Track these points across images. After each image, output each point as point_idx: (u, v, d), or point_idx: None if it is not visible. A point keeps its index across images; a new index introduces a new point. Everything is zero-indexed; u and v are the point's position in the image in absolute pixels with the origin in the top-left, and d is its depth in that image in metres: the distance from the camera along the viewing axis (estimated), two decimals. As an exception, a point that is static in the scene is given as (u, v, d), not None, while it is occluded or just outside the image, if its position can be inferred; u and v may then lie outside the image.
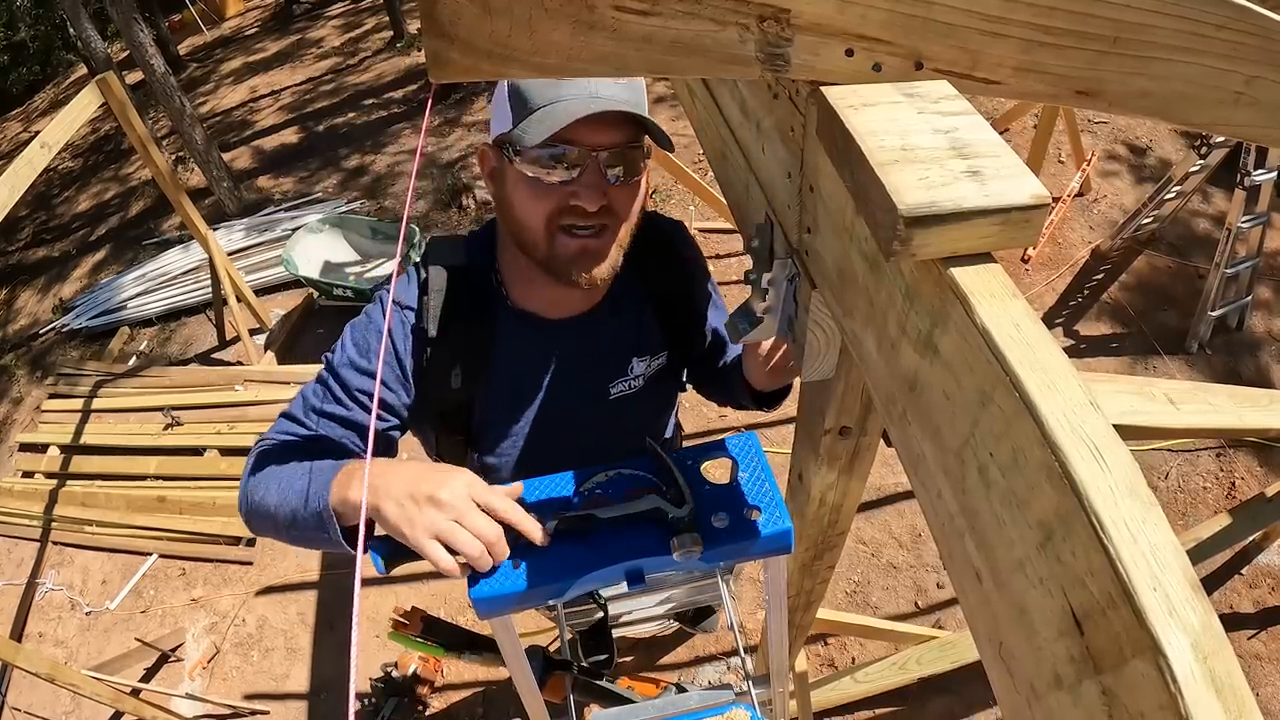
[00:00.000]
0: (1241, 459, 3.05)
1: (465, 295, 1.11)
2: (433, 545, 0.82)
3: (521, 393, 1.19)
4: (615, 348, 1.21)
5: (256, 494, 1.01)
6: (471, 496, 0.84)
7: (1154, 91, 0.59)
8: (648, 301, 1.22)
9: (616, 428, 1.25)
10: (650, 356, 1.24)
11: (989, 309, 0.44)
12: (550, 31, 0.50)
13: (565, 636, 1.30)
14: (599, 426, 1.23)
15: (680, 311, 1.25)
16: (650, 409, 1.33)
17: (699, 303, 1.28)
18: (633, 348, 1.22)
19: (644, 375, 1.25)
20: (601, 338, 1.19)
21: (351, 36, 9.52)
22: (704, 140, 1.11)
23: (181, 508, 3.63)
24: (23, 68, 12.89)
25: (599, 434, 1.22)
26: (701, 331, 1.29)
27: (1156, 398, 0.82)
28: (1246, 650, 2.55)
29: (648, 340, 1.23)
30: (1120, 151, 4.56)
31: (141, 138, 3.49)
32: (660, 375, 1.27)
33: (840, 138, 0.52)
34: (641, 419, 1.31)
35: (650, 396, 1.28)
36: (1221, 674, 0.32)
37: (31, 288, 6.37)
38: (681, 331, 1.26)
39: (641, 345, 1.22)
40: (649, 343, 1.23)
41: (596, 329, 1.18)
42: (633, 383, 1.24)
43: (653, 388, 1.27)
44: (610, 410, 1.24)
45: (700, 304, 1.29)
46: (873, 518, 3.06)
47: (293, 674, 3.02)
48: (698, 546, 0.82)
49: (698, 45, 0.52)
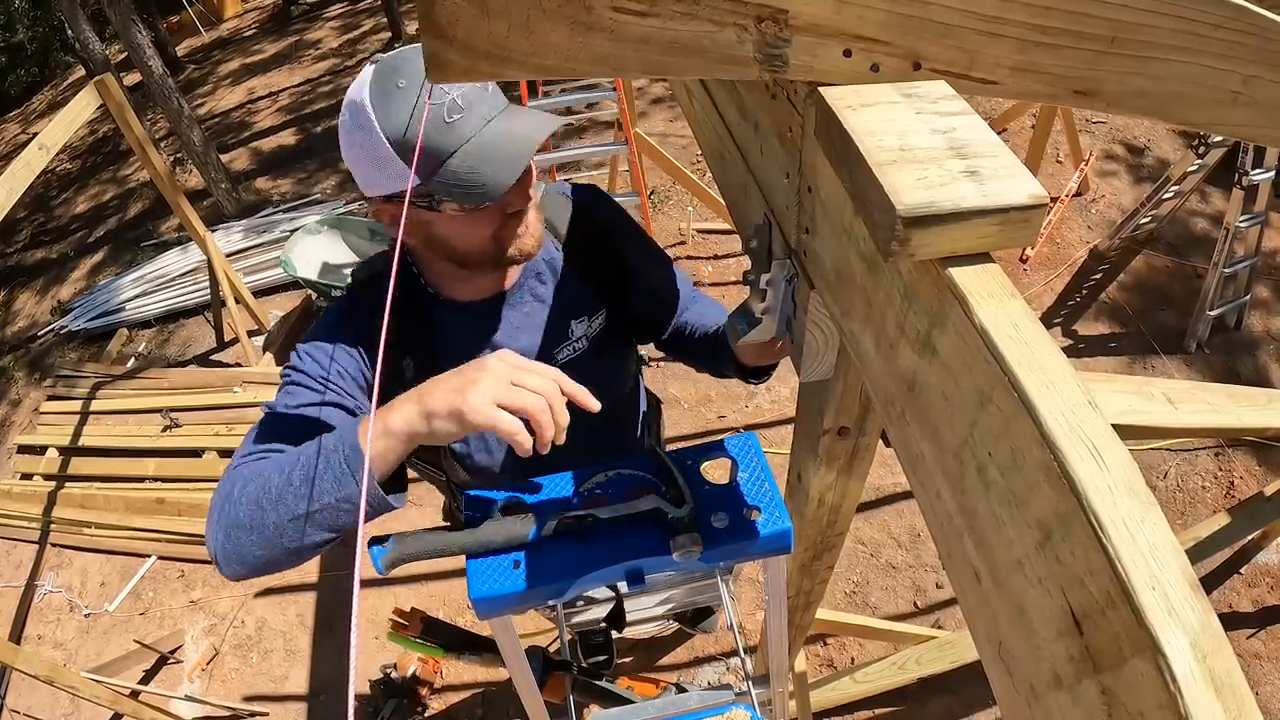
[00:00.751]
0: (1240, 458, 3.05)
1: (399, 294, 1.13)
2: (496, 411, 0.80)
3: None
4: (550, 314, 1.23)
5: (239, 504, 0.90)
6: (515, 365, 0.84)
7: (1151, 91, 0.60)
8: (573, 266, 1.25)
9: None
10: (588, 318, 1.26)
11: (987, 309, 0.44)
12: (548, 32, 0.50)
13: (565, 637, 1.30)
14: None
15: (606, 269, 1.27)
16: (601, 371, 1.32)
17: (626, 259, 1.29)
18: (567, 311, 1.24)
19: (586, 336, 1.26)
20: (534, 307, 1.22)
21: (349, 38, 9.52)
22: (702, 141, 1.11)
23: (180, 509, 3.63)
24: (21, 69, 12.88)
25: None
26: (636, 289, 1.30)
27: (1155, 397, 0.82)
28: (1246, 649, 2.56)
29: (580, 302, 1.25)
30: (1118, 151, 4.56)
31: (140, 139, 3.49)
32: (603, 336, 1.29)
33: (838, 138, 0.52)
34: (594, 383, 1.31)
35: (598, 357, 1.29)
36: (1221, 673, 0.32)
37: (30, 289, 6.37)
38: (611, 289, 1.28)
39: (576, 308, 1.25)
40: (582, 305, 1.25)
41: (527, 299, 1.21)
42: (576, 345, 1.26)
43: (599, 348, 1.28)
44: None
45: (629, 260, 1.29)
46: (872, 518, 3.06)
47: (292, 675, 3.02)
48: (697, 547, 0.82)
49: (696, 46, 0.52)
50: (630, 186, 4.02)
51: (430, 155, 0.94)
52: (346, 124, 0.98)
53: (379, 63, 0.97)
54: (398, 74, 0.94)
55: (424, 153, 0.94)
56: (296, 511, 0.87)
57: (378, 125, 0.93)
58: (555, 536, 0.86)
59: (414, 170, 0.94)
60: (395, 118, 0.93)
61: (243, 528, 0.90)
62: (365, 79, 0.96)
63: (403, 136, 0.94)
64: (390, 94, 0.93)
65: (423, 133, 0.92)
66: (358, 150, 0.98)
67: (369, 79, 0.96)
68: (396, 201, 1.01)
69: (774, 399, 3.57)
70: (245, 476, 0.92)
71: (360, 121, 0.95)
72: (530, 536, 0.85)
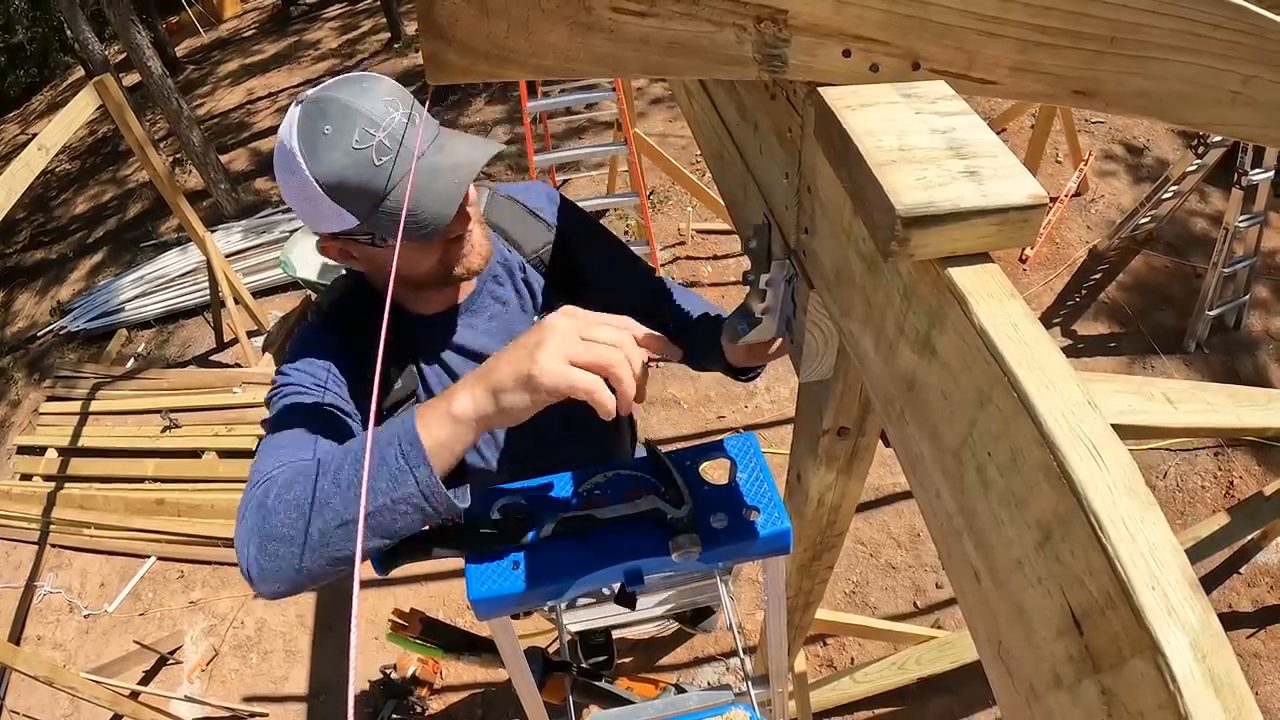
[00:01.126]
0: (1239, 458, 3.05)
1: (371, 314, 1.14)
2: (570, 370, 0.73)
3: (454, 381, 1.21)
4: (516, 313, 1.25)
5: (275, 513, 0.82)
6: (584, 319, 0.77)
7: (1151, 91, 0.60)
8: (528, 263, 1.26)
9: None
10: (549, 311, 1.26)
11: (987, 309, 0.44)
12: (548, 33, 0.50)
13: (565, 638, 1.30)
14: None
15: (558, 262, 1.28)
16: None
17: (581, 258, 1.30)
18: (531, 309, 1.26)
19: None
20: (498, 309, 1.23)
21: (349, 38, 9.52)
22: (701, 141, 1.11)
23: (180, 510, 3.63)
24: (20, 70, 12.88)
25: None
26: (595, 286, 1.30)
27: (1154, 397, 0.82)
28: (1245, 649, 2.56)
29: (541, 299, 1.27)
30: (1117, 151, 4.56)
31: (139, 140, 3.49)
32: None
33: (838, 138, 0.52)
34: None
35: None
36: (1220, 673, 0.32)
37: (29, 290, 6.37)
38: (566, 281, 1.29)
39: (538, 305, 1.27)
40: (546, 300, 1.27)
41: (489, 303, 1.22)
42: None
43: None
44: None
45: (582, 260, 1.30)
46: (871, 518, 3.06)
47: (291, 676, 3.02)
48: (696, 547, 0.82)
49: (695, 46, 0.52)
50: (630, 187, 4.02)
51: (365, 197, 0.95)
52: (280, 168, 0.99)
53: (304, 103, 0.97)
54: (323, 119, 0.93)
55: (358, 195, 0.95)
56: (345, 516, 0.78)
57: (307, 170, 0.94)
58: (554, 537, 0.86)
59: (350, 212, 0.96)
60: (324, 163, 0.93)
61: (281, 539, 0.80)
62: (292, 121, 0.96)
63: (333, 180, 0.94)
64: (316, 139, 0.93)
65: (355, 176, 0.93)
66: (292, 191, 0.98)
67: (295, 122, 0.95)
68: (341, 238, 1.02)
69: (773, 399, 3.57)
70: (281, 482, 0.84)
71: (290, 165, 0.95)
72: (529, 537, 0.85)
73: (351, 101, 0.94)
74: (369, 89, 0.97)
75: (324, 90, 0.97)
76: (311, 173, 0.93)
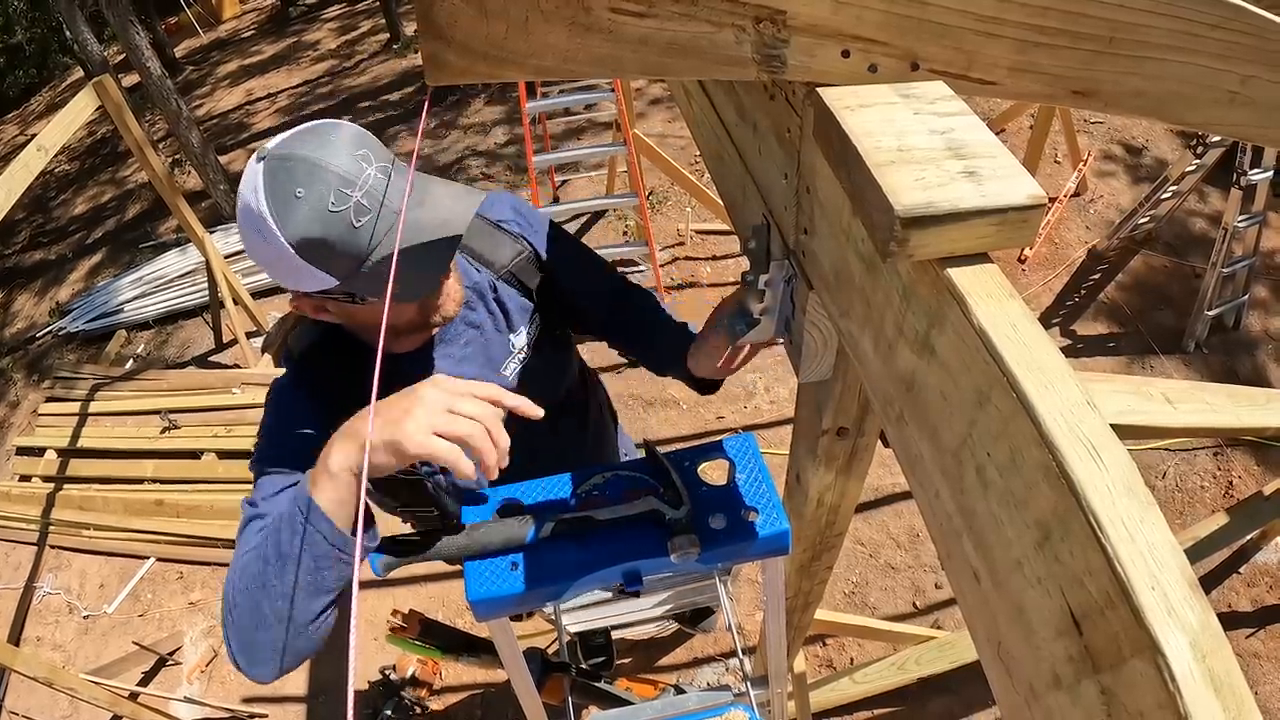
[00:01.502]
0: (1239, 458, 3.05)
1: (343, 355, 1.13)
2: (433, 441, 0.79)
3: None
4: (490, 336, 1.24)
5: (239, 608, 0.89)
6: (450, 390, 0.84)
7: (1149, 91, 0.60)
8: (497, 280, 1.24)
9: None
10: (524, 327, 1.27)
11: (986, 309, 0.44)
12: (547, 33, 0.50)
13: (564, 638, 1.30)
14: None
15: (528, 272, 1.27)
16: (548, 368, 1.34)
17: (541, 256, 1.29)
18: (505, 328, 1.25)
19: (527, 345, 1.27)
20: (472, 334, 1.22)
21: (348, 39, 9.51)
22: (700, 142, 1.11)
23: (179, 511, 3.62)
24: (19, 70, 12.87)
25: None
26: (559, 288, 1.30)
27: (1154, 397, 0.82)
28: (1245, 649, 2.56)
29: (515, 314, 1.25)
30: (1116, 151, 4.57)
31: (138, 140, 3.49)
32: (542, 336, 1.29)
33: (837, 138, 0.52)
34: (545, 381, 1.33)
35: (542, 357, 1.30)
36: (1220, 673, 0.32)
37: (28, 291, 6.36)
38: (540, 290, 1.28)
39: (512, 321, 1.25)
40: (517, 315, 1.26)
41: (463, 331, 1.21)
42: (520, 357, 1.27)
43: (540, 349, 1.29)
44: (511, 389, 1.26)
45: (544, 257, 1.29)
46: (870, 518, 3.06)
47: (291, 677, 3.01)
48: (695, 548, 0.82)
49: (694, 47, 0.52)
50: (629, 187, 4.02)
51: (345, 259, 0.91)
52: (246, 229, 0.92)
53: (266, 159, 0.91)
54: (292, 180, 0.88)
55: (338, 258, 0.91)
56: (285, 589, 0.85)
57: (281, 236, 0.88)
58: (553, 538, 0.86)
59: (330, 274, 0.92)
60: (299, 227, 0.88)
61: (249, 628, 0.88)
62: (256, 182, 0.90)
63: (311, 245, 0.89)
64: (288, 202, 0.88)
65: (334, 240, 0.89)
66: (263, 254, 0.93)
67: (260, 183, 0.89)
68: (316, 296, 0.98)
69: (773, 400, 3.57)
70: (235, 578, 0.90)
71: (260, 229, 0.90)
72: (528, 538, 0.85)
73: (320, 159, 0.89)
74: (334, 141, 0.92)
75: (286, 147, 0.91)
76: (286, 238, 0.88)
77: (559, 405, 1.35)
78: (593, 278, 1.36)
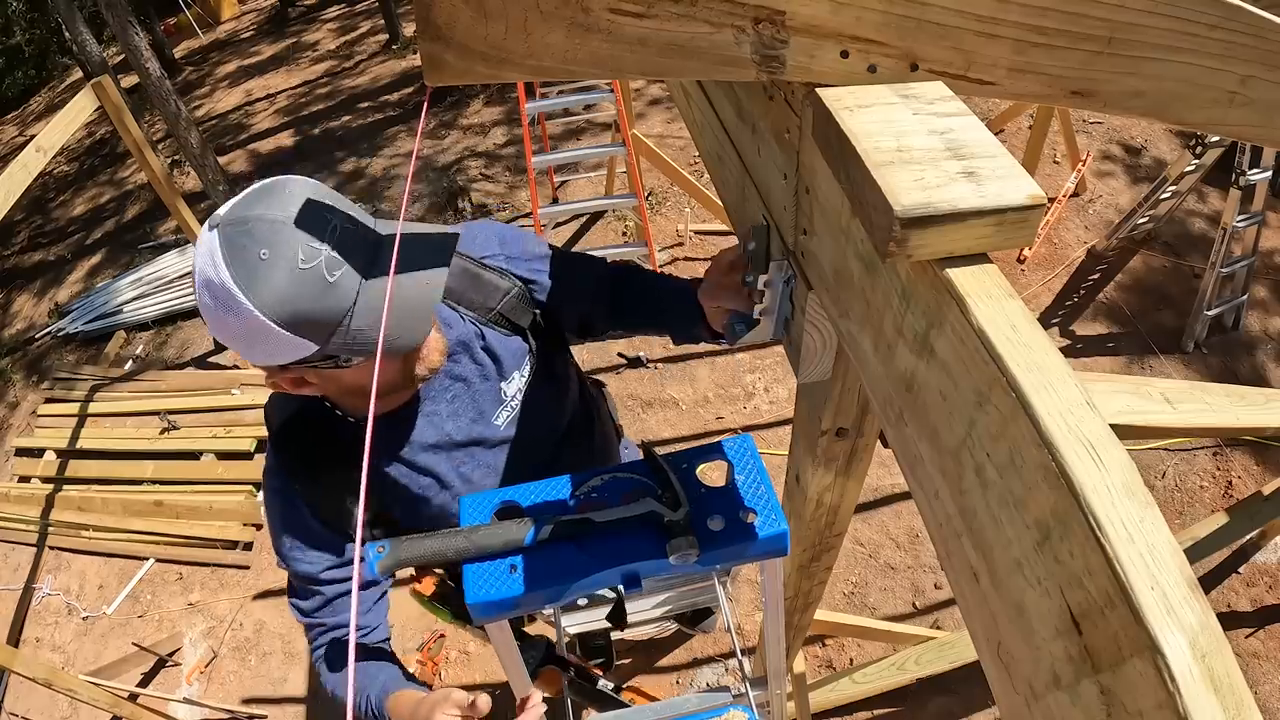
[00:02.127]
0: (1238, 458, 3.05)
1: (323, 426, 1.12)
2: None
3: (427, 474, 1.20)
4: (479, 386, 1.19)
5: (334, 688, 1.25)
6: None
7: (1148, 91, 0.60)
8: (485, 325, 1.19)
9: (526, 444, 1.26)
10: (517, 372, 1.21)
11: (985, 309, 0.44)
12: (546, 34, 0.50)
13: (563, 640, 1.30)
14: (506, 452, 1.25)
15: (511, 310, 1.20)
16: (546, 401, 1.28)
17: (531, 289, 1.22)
18: (494, 376, 1.20)
19: (520, 388, 1.22)
20: (459, 388, 1.18)
21: (347, 39, 9.51)
22: (699, 142, 1.11)
23: (178, 512, 3.62)
24: (18, 71, 12.85)
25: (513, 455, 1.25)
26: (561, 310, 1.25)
27: (1153, 397, 0.82)
28: (1244, 649, 2.56)
29: (505, 358, 1.20)
30: (1115, 151, 4.57)
31: (137, 141, 3.49)
32: (538, 374, 1.24)
33: (836, 139, 0.52)
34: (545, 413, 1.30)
35: (540, 393, 1.25)
36: (1220, 672, 0.32)
37: (27, 292, 6.36)
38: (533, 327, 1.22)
39: (502, 368, 1.20)
40: (508, 360, 1.20)
41: (447, 384, 1.17)
42: (513, 404, 1.22)
43: (537, 387, 1.24)
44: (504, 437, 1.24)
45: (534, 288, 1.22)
46: (870, 519, 3.06)
47: (290, 678, 3.01)
48: (694, 549, 0.82)
49: (693, 47, 0.52)
50: (628, 188, 4.02)
51: (324, 321, 0.86)
52: (210, 307, 0.86)
53: (220, 227, 0.85)
54: (254, 243, 0.82)
55: (316, 321, 0.86)
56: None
57: (251, 305, 0.83)
58: (551, 540, 0.86)
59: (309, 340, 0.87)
60: (270, 293, 0.82)
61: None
62: (214, 253, 0.83)
63: (285, 311, 0.84)
64: (254, 267, 0.82)
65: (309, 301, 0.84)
66: (233, 332, 0.87)
67: (219, 254, 0.83)
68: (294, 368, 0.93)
69: (772, 400, 3.57)
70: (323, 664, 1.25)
71: (227, 303, 0.83)
72: (526, 540, 0.85)
73: (277, 216, 0.83)
74: (290, 194, 0.86)
75: (239, 210, 0.85)
76: (257, 306, 0.83)
77: (561, 438, 1.34)
78: (585, 281, 1.29)
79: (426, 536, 0.86)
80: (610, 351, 3.90)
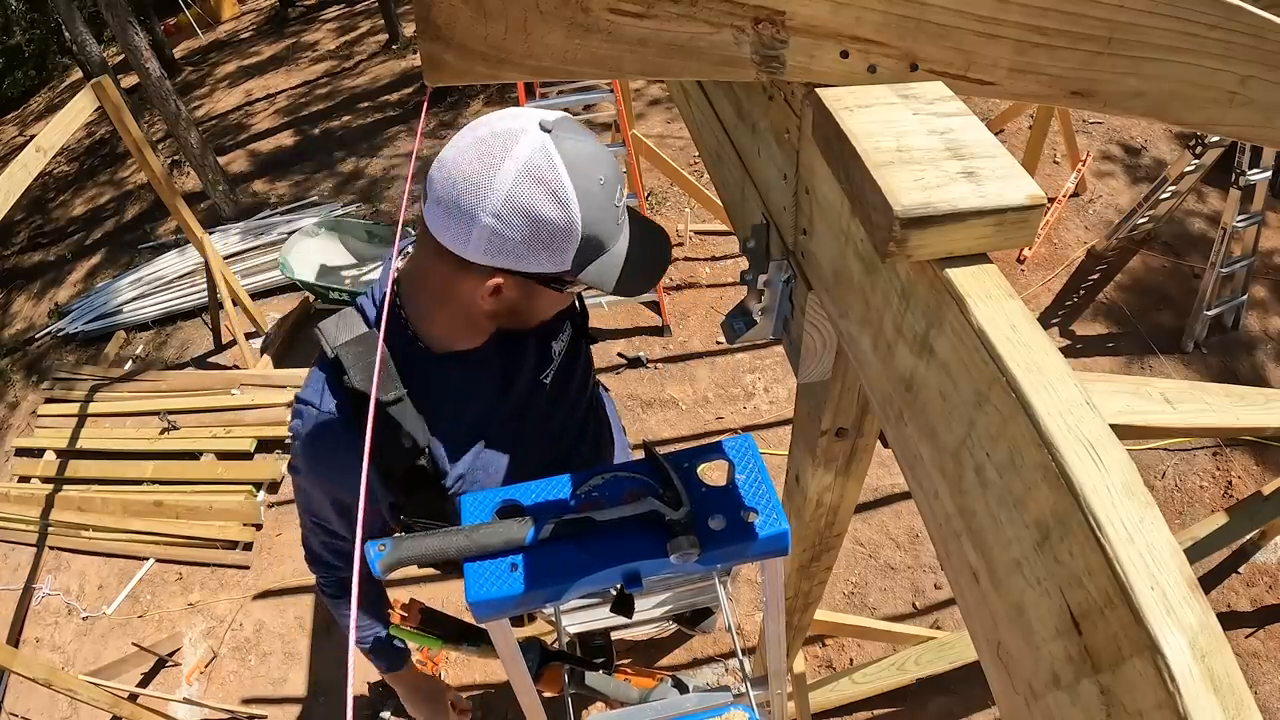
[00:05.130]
0: (1238, 458, 3.05)
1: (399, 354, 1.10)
2: None
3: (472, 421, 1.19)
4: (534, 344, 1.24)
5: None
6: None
7: (1148, 91, 0.60)
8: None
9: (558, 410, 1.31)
10: (561, 333, 1.28)
11: (985, 309, 0.44)
12: (545, 34, 0.50)
13: (564, 639, 1.30)
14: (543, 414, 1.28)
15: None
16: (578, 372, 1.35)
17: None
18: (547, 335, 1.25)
19: (562, 351, 1.28)
20: (519, 343, 1.21)
21: (346, 40, 9.51)
22: (699, 142, 1.12)
23: (178, 512, 3.62)
24: (18, 71, 12.84)
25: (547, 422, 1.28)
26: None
27: (1153, 397, 0.82)
28: (1244, 648, 2.56)
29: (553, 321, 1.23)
30: (1115, 151, 4.57)
31: (137, 141, 3.49)
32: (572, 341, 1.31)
33: (836, 139, 0.52)
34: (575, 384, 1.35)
35: (573, 362, 1.31)
36: (1219, 672, 0.32)
37: (27, 292, 6.35)
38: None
39: (552, 329, 1.25)
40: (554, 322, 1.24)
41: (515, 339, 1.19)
42: (557, 363, 1.27)
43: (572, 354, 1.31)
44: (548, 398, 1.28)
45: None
46: (870, 519, 3.06)
47: (290, 678, 3.01)
48: (694, 549, 0.82)
49: (693, 48, 0.52)
50: (628, 188, 4.01)
51: (597, 248, 0.96)
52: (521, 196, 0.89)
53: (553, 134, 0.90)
54: (594, 168, 0.91)
55: (596, 246, 0.95)
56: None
57: (579, 214, 0.91)
58: (552, 539, 0.86)
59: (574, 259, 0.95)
60: (592, 212, 0.92)
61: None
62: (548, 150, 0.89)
63: (591, 231, 0.93)
64: (590, 187, 0.91)
65: (603, 229, 0.94)
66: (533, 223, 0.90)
67: (555, 154, 0.89)
68: (510, 276, 0.96)
69: (772, 400, 3.57)
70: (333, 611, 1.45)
71: (558, 195, 0.89)
72: (527, 539, 0.85)
73: (597, 152, 0.93)
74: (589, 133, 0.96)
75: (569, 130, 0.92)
76: (583, 219, 0.91)
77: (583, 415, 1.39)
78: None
79: (427, 535, 0.86)
80: (610, 351, 3.90)
